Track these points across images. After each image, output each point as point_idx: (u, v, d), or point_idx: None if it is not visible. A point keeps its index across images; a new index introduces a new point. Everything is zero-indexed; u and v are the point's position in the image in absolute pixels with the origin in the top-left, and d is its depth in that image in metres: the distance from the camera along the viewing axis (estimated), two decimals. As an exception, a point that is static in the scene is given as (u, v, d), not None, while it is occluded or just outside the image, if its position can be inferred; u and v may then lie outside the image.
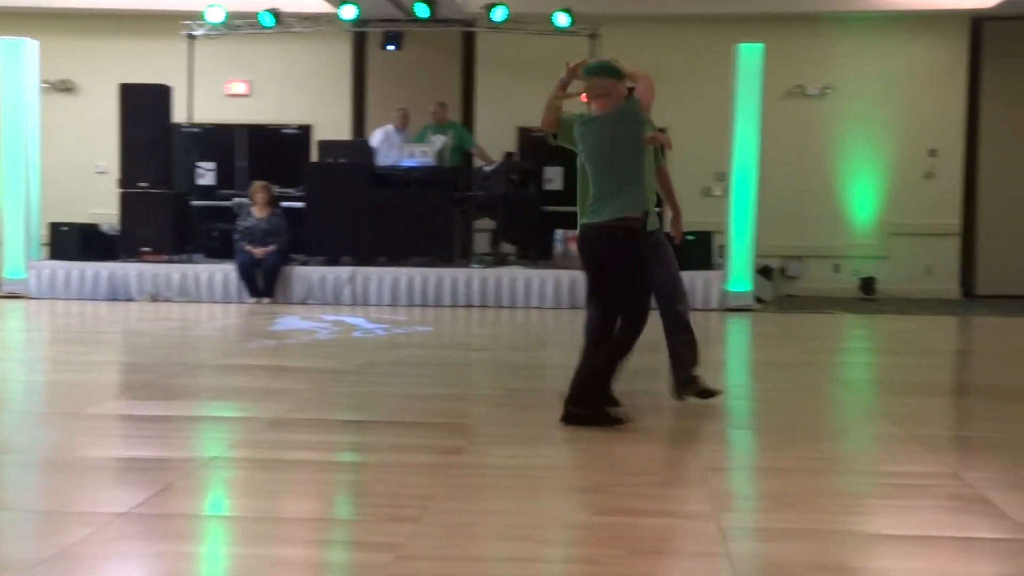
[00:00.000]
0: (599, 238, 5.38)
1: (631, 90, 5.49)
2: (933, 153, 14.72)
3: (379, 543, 3.53)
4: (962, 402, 7.05)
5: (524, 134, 14.28)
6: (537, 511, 3.97)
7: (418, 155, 12.67)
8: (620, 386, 6.38)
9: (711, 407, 5.99)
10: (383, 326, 9.97)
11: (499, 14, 13.17)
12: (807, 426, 5.65)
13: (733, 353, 9.50)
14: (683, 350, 5.85)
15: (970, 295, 14.67)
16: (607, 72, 5.46)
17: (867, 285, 14.51)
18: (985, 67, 14.71)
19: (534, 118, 15.22)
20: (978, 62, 14.73)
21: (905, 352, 9.34)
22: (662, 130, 5.95)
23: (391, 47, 14.21)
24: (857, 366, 8.81)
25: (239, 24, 13.64)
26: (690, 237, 12.55)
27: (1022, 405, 6.41)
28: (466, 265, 12.48)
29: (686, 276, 12.47)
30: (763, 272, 13.67)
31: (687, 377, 5.86)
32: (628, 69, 5.51)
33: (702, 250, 12.47)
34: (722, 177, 13.05)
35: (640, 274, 5.36)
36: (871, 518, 4.05)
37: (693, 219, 13.67)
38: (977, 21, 14.65)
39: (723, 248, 12.49)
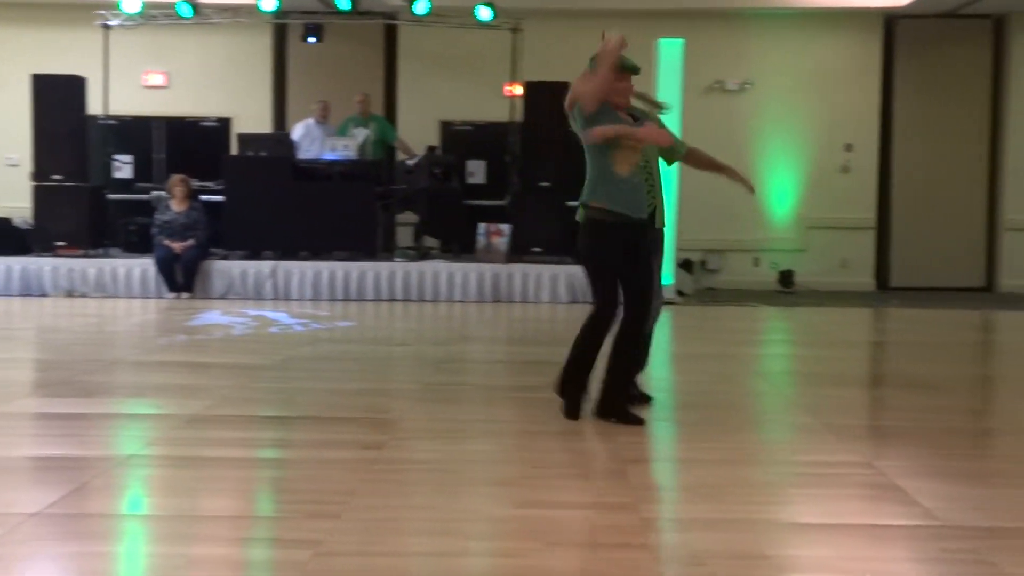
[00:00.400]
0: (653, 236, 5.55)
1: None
2: (849, 148, 15.00)
3: (299, 540, 3.51)
4: (876, 392, 7.20)
5: (446, 127, 14.28)
6: (458, 505, 3.97)
7: (340, 148, 12.59)
8: (539, 379, 6.43)
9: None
10: (305, 321, 9.89)
11: (421, 7, 13.11)
12: (726, 418, 5.72)
13: (654, 346, 9.57)
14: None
15: (884, 287, 14.99)
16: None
17: (785, 278, 14.74)
18: (898, 64, 15.02)
19: (456, 111, 15.31)
20: (891, 59, 15.04)
21: (822, 344, 9.51)
22: None
23: (312, 39, 14.08)
24: (776, 358, 8.95)
25: (156, 15, 13.41)
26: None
27: (933, 395, 6.57)
28: (389, 259, 12.43)
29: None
30: (684, 266, 13.82)
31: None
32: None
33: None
34: (643, 171, 13.13)
35: None
36: (788, 507, 4.12)
37: (615, 213, 13.85)
38: (890, 19, 14.95)
39: (645, 242, 12.57)
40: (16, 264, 12.18)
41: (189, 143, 13.42)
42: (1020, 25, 14.74)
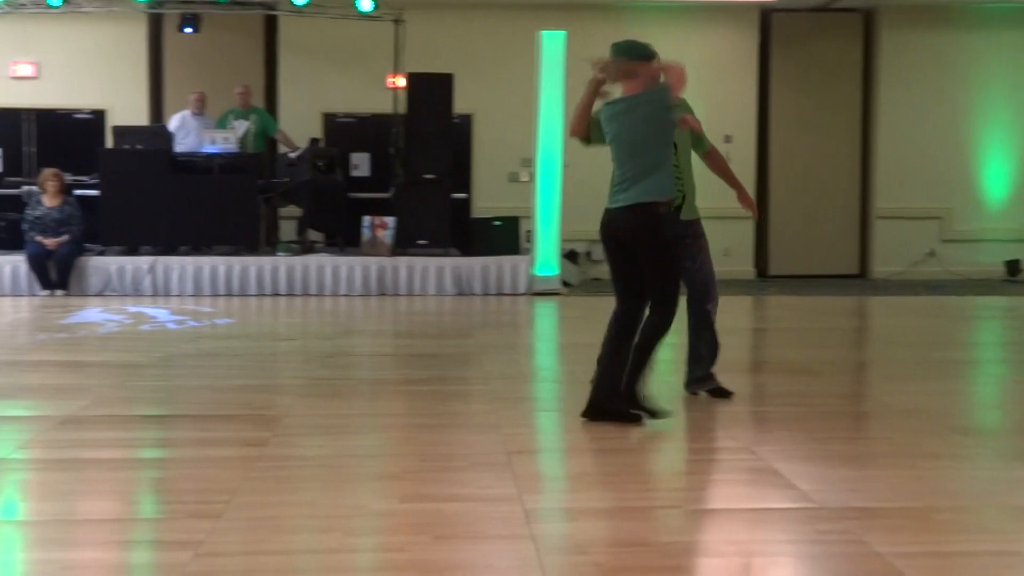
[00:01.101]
0: (621, 221, 5.37)
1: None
2: (728, 139, 15.26)
3: (180, 541, 3.44)
4: (756, 379, 7.35)
5: (329, 120, 14.14)
6: (343, 501, 3.94)
7: (220, 141, 12.35)
8: (425, 372, 6.42)
9: (518, 391, 6.12)
10: (186, 317, 9.70)
11: (301, -2, 12.93)
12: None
13: (540, 336, 9.66)
14: (703, 348, 5.93)
15: (764, 276, 15.34)
16: (630, 53, 5.38)
17: (668, 267, 14.94)
18: (774, 57, 15.37)
19: (339, 103, 15.13)
20: (767, 52, 15.38)
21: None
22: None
23: (188, 30, 13.76)
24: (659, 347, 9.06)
25: (24, 3, 12.97)
26: (497, 223, 12.71)
27: (810, 380, 6.75)
28: (272, 253, 12.25)
29: (492, 261, 12.60)
30: (569, 256, 13.92)
31: (704, 375, 5.93)
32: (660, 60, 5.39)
33: (509, 235, 12.62)
34: (528, 163, 13.22)
35: (666, 258, 5.35)
36: (670, 494, 4.19)
37: (500, 204, 13.90)
38: (766, 12, 15.28)
39: (530, 233, 12.66)
40: None
41: (62, 136, 13.07)
42: (888, 19, 15.20)
